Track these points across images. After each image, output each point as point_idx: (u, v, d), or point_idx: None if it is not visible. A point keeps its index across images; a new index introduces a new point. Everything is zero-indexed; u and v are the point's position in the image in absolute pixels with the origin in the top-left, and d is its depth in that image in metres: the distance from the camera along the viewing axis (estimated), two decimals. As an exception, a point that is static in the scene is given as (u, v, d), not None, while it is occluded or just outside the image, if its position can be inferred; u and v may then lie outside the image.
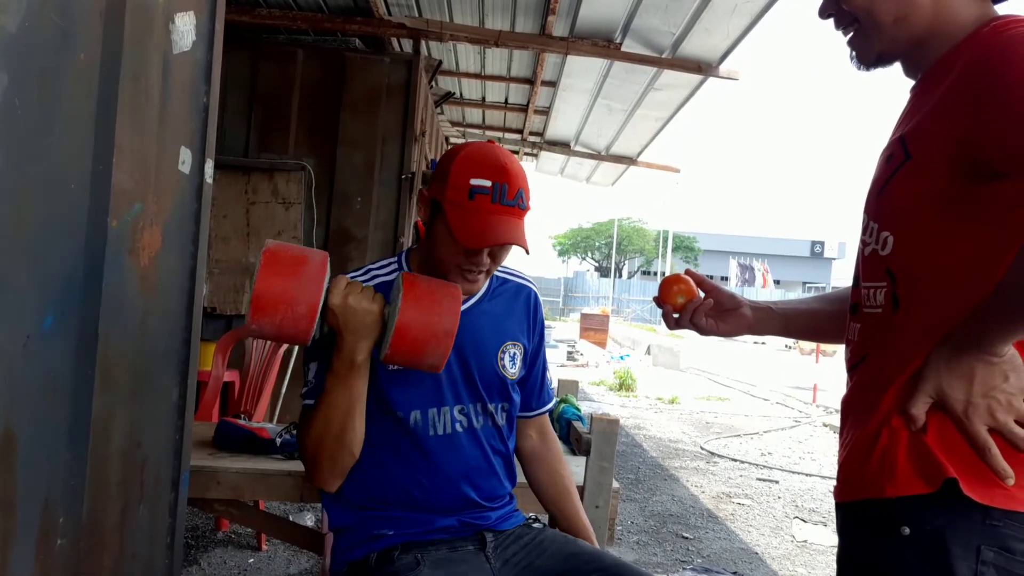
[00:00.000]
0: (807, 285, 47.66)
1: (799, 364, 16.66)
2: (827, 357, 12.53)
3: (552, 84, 6.58)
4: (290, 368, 4.59)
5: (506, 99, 7.52)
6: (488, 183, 1.33)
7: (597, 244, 49.15)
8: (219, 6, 1.55)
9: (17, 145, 0.97)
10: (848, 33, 1.13)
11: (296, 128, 4.92)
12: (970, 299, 0.95)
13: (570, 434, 2.35)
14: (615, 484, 1.97)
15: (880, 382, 1.03)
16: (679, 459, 5.96)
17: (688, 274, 1.40)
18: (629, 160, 8.44)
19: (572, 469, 2.17)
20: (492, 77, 6.76)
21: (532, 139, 8.63)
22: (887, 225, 1.06)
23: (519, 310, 1.56)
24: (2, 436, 0.98)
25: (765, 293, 39.16)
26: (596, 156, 8.58)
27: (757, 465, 5.95)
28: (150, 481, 1.45)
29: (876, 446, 1.00)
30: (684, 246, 45.86)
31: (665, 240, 34.67)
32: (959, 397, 0.95)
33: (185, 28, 1.41)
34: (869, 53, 1.11)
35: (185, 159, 1.47)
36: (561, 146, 8.60)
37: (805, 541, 4.07)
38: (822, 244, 51.33)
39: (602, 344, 16.93)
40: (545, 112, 7.52)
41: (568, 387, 2.72)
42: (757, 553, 3.81)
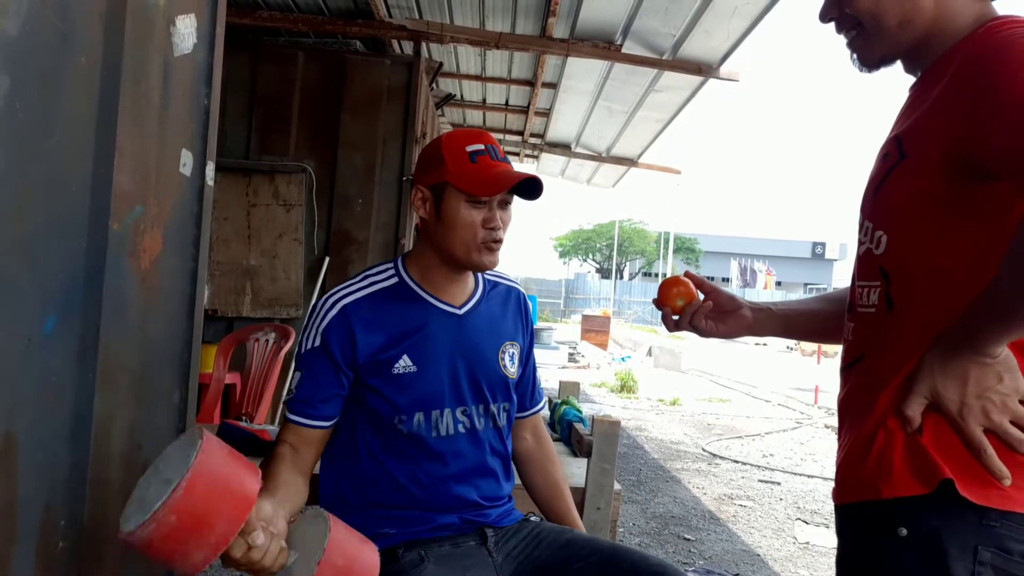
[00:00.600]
0: (808, 286, 47.64)
1: (801, 365, 16.65)
2: (828, 358, 12.54)
3: (553, 86, 6.58)
4: (291, 370, 4.59)
5: (507, 101, 7.52)
6: (482, 146, 1.43)
7: (598, 246, 49.16)
8: (220, 9, 1.55)
9: (18, 147, 0.97)
10: (850, 36, 1.13)
11: (297, 130, 4.93)
12: (964, 299, 0.96)
13: (571, 436, 2.35)
14: (616, 486, 1.97)
15: (876, 383, 1.03)
16: (681, 461, 5.96)
17: (687, 276, 1.40)
18: (630, 162, 8.45)
19: (573, 471, 2.17)
20: (493, 79, 6.76)
21: (533, 141, 8.64)
22: (882, 224, 1.06)
23: (512, 310, 1.60)
24: (3, 438, 0.98)
25: (767, 294, 39.17)
26: (597, 158, 8.58)
27: (759, 467, 5.94)
28: (151, 483, 1.45)
29: (872, 447, 1.01)
30: (685, 247, 45.87)
31: (666, 242, 34.70)
32: (953, 398, 0.95)
33: (186, 31, 1.41)
34: (872, 56, 1.11)
35: (186, 161, 1.47)
36: (562, 148, 8.60)
37: (807, 543, 4.06)
38: (823, 245, 51.29)
39: (603, 346, 16.93)
40: (546, 114, 7.52)
41: (569, 389, 2.72)
42: (759, 555, 3.81)
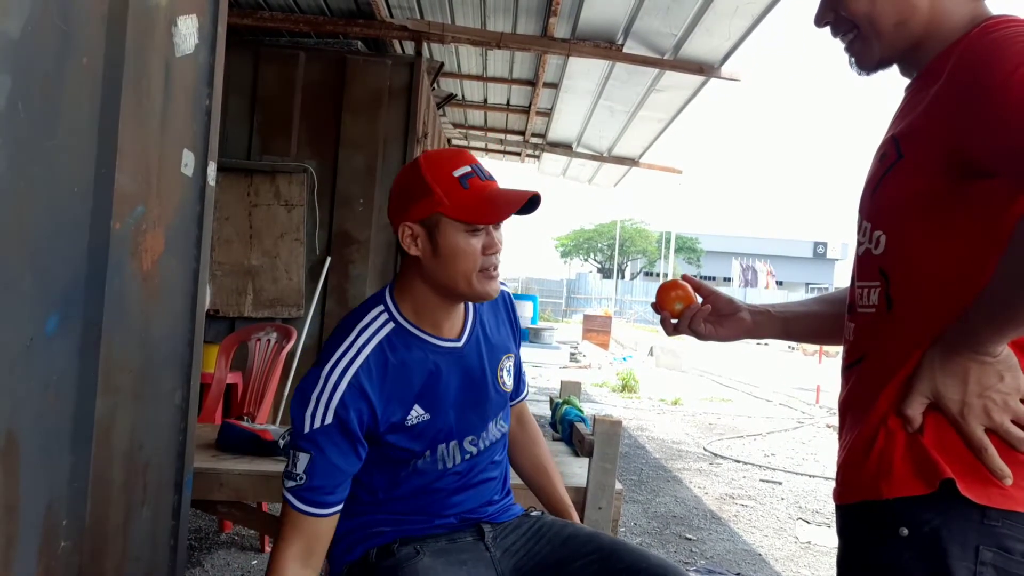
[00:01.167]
0: (810, 286, 47.58)
1: (802, 365, 16.64)
2: (830, 358, 12.53)
3: (554, 86, 6.58)
4: (293, 370, 4.60)
5: (508, 101, 7.52)
6: (468, 168, 1.33)
7: (599, 245, 49.15)
8: (221, 9, 1.55)
9: (20, 148, 0.97)
10: (847, 39, 1.13)
11: (298, 130, 4.93)
12: (963, 298, 0.96)
13: (573, 435, 2.35)
14: (618, 485, 1.97)
15: (876, 383, 1.03)
16: (682, 460, 5.96)
17: (685, 279, 1.39)
18: (631, 161, 8.44)
19: (575, 470, 2.17)
20: (494, 79, 6.76)
21: (534, 141, 8.64)
22: (880, 224, 1.06)
23: (502, 317, 1.56)
24: (5, 439, 0.99)
25: (768, 294, 39.12)
26: (598, 157, 8.58)
27: (760, 466, 5.94)
28: (153, 483, 1.46)
29: (873, 447, 1.01)
30: (687, 247, 45.84)
31: (667, 241, 34.67)
32: (954, 398, 0.95)
33: (187, 31, 1.41)
34: (870, 58, 1.12)
35: (187, 162, 1.47)
36: (563, 148, 8.60)
37: (809, 542, 4.06)
38: (825, 245, 51.23)
39: (604, 345, 16.92)
40: (547, 114, 7.52)
41: (571, 389, 2.72)
42: (761, 554, 3.80)
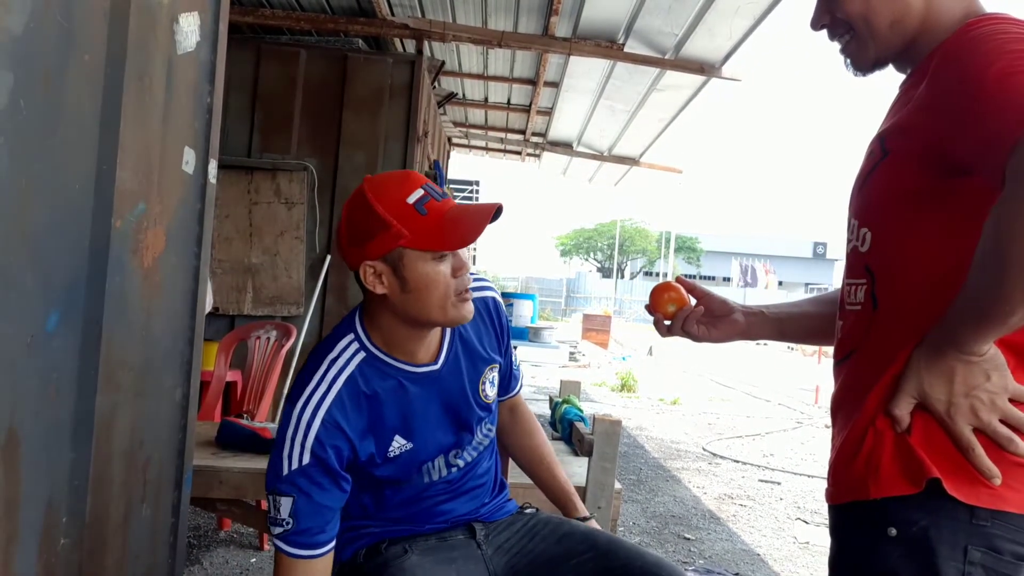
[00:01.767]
0: (809, 286, 47.57)
1: (801, 365, 16.64)
2: (829, 359, 12.54)
3: (555, 85, 6.58)
4: (292, 368, 4.59)
5: (509, 100, 7.52)
6: (420, 191, 1.26)
7: (599, 245, 49.16)
8: (223, 7, 1.55)
9: (21, 145, 0.97)
10: (843, 41, 1.14)
11: (299, 128, 4.93)
12: (948, 296, 0.96)
13: (573, 435, 2.35)
14: (617, 485, 1.97)
15: (864, 382, 1.03)
16: (681, 460, 5.96)
17: (679, 281, 1.39)
18: (632, 161, 8.44)
19: (574, 470, 2.17)
20: (495, 78, 6.76)
21: (535, 140, 8.64)
22: (866, 222, 1.07)
23: (487, 325, 1.48)
24: (6, 435, 0.99)
25: (768, 294, 39.11)
26: (599, 157, 8.58)
27: (759, 466, 5.94)
28: (153, 480, 1.46)
29: (862, 448, 1.01)
30: (687, 247, 45.84)
31: (667, 241, 34.66)
32: (941, 397, 0.95)
33: (189, 29, 1.41)
34: (866, 59, 1.12)
35: (188, 159, 1.47)
36: (564, 147, 8.60)
37: (807, 542, 4.07)
38: (824, 245, 51.23)
39: (604, 345, 16.93)
40: (548, 113, 7.52)
41: (570, 388, 2.72)
42: (759, 554, 3.81)
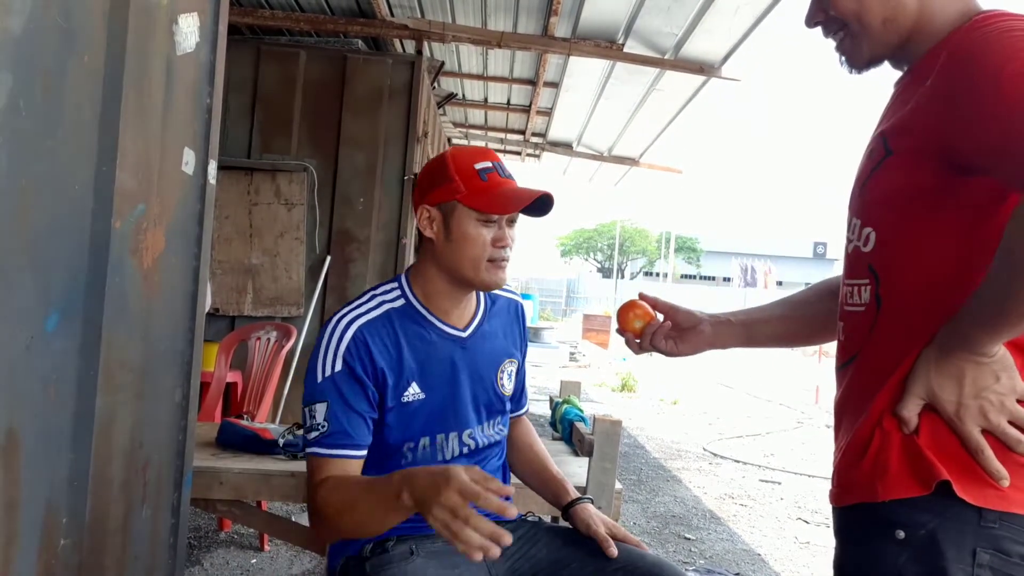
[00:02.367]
0: (810, 286, 47.46)
1: (802, 365, 16.64)
2: (829, 359, 12.56)
3: (554, 85, 6.58)
4: (292, 369, 4.59)
5: (508, 100, 7.52)
6: (490, 163, 1.41)
7: (599, 245, 49.16)
8: (222, 8, 1.55)
9: (21, 146, 0.97)
10: (837, 38, 1.13)
11: (298, 129, 4.93)
12: (955, 296, 0.95)
13: (573, 435, 2.35)
14: (618, 485, 1.97)
15: (870, 384, 1.02)
16: (681, 460, 5.96)
17: (643, 298, 1.38)
18: (631, 161, 8.44)
19: (575, 470, 2.17)
20: (494, 78, 6.76)
21: (534, 140, 8.64)
22: (869, 221, 1.05)
23: (511, 324, 1.59)
24: (6, 436, 0.99)
25: (767, 294, 39.01)
26: (598, 157, 8.58)
27: (760, 466, 5.94)
28: (153, 481, 1.46)
29: (869, 449, 1.00)
30: (686, 247, 45.84)
31: (667, 241, 34.64)
32: (950, 399, 0.94)
33: (188, 29, 1.41)
34: (860, 56, 1.12)
35: (188, 160, 1.47)
36: (563, 147, 8.60)
37: (808, 542, 4.06)
38: (824, 245, 51.20)
39: (604, 345, 16.93)
40: (547, 113, 7.52)
41: (570, 388, 2.72)
42: (760, 554, 3.80)
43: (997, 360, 0.93)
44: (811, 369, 13.52)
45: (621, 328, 1.39)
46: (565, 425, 2.43)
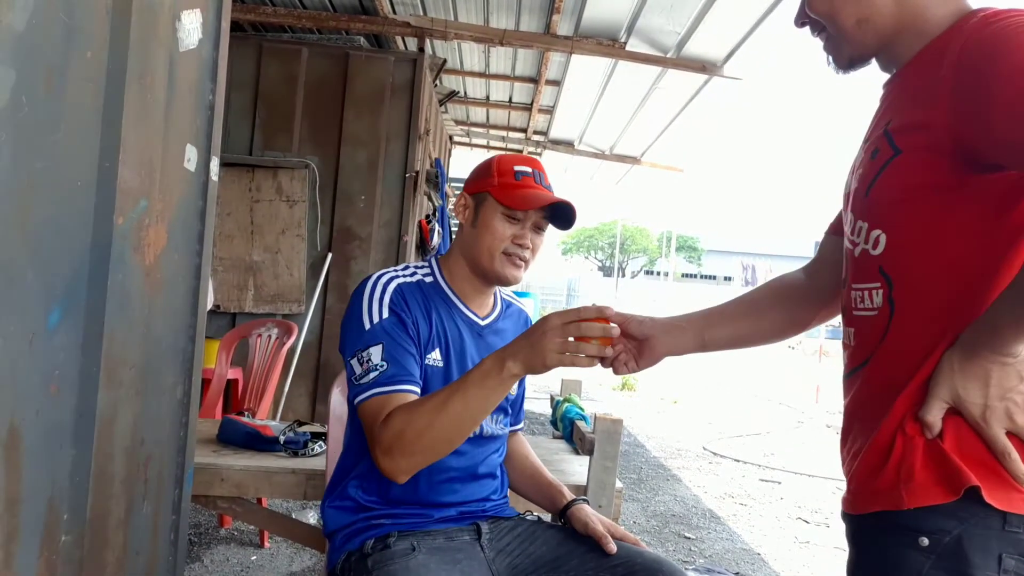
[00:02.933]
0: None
1: (802, 365, 16.64)
2: (829, 358, 12.54)
3: (556, 83, 6.58)
4: (293, 366, 4.60)
5: (510, 98, 7.52)
6: (529, 169, 1.53)
7: (600, 244, 49.14)
8: (225, 4, 1.55)
9: (23, 142, 0.97)
10: (823, 39, 1.14)
11: (300, 126, 4.93)
12: (977, 296, 0.94)
13: (574, 434, 2.35)
14: (618, 484, 1.97)
15: (888, 388, 1.00)
16: (681, 459, 5.96)
17: (599, 313, 1.31)
18: (633, 160, 8.44)
19: (575, 468, 2.17)
20: (496, 76, 6.76)
21: (536, 138, 8.64)
22: (878, 223, 1.03)
23: (520, 330, 1.66)
24: (7, 433, 0.99)
25: (768, 293, 38.88)
26: (600, 156, 8.58)
27: (760, 465, 5.95)
28: (154, 478, 1.46)
29: (891, 455, 0.97)
30: (687, 246, 45.83)
31: (668, 240, 34.64)
32: (976, 401, 0.92)
33: (191, 26, 1.41)
34: (841, 57, 1.13)
35: (190, 157, 1.47)
36: (565, 145, 8.60)
37: (808, 542, 4.06)
38: (826, 244, 51.07)
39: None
40: (549, 111, 7.52)
41: (571, 387, 2.72)
42: (760, 554, 3.81)
43: (1022, 360, 0.91)
44: (812, 368, 13.53)
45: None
46: (566, 423, 2.43)
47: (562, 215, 1.51)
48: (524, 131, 8.47)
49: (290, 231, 4.86)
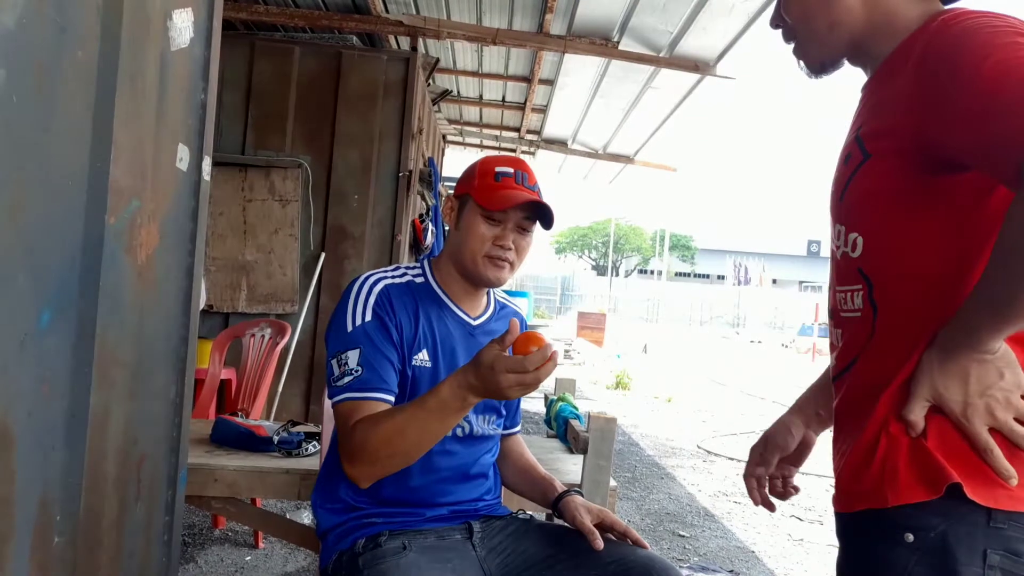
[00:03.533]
0: (803, 284, 47.72)
1: (795, 363, 16.69)
2: (823, 356, 12.60)
3: (549, 82, 6.58)
4: (287, 366, 4.59)
5: (503, 97, 7.52)
6: (511, 170, 1.52)
7: (594, 243, 49.21)
8: (217, 3, 1.54)
9: (14, 142, 0.96)
10: (794, 43, 1.16)
11: (293, 125, 4.92)
12: (950, 295, 0.95)
13: (568, 432, 2.35)
14: (612, 482, 1.97)
15: (872, 388, 1.01)
16: (676, 457, 5.97)
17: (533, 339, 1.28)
18: (626, 159, 8.45)
19: (569, 467, 2.17)
20: (489, 75, 6.76)
21: (529, 137, 8.64)
22: (854, 226, 1.05)
23: None
24: (0, 434, 0.98)
25: (761, 292, 39.19)
26: (593, 155, 8.58)
27: (753, 463, 5.95)
28: (147, 478, 1.45)
29: (875, 454, 0.98)
30: (681, 244, 45.93)
31: (662, 239, 34.71)
32: (956, 398, 0.93)
33: (183, 25, 1.41)
34: (813, 60, 1.15)
35: (182, 156, 1.47)
36: (558, 144, 8.60)
37: (801, 539, 4.08)
38: (819, 243, 51.31)
39: (599, 343, 16.94)
40: (542, 110, 7.52)
41: (565, 386, 2.72)
42: (754, 551, 3.82)
43: (1000, 357, 0.92)
44: (804, 367, 13.57)
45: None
46: (560, 422, 2.43)
47: (544, 214, 1.51)
48: (517, 130, 8.47)
49: (283, 230, 4.85)
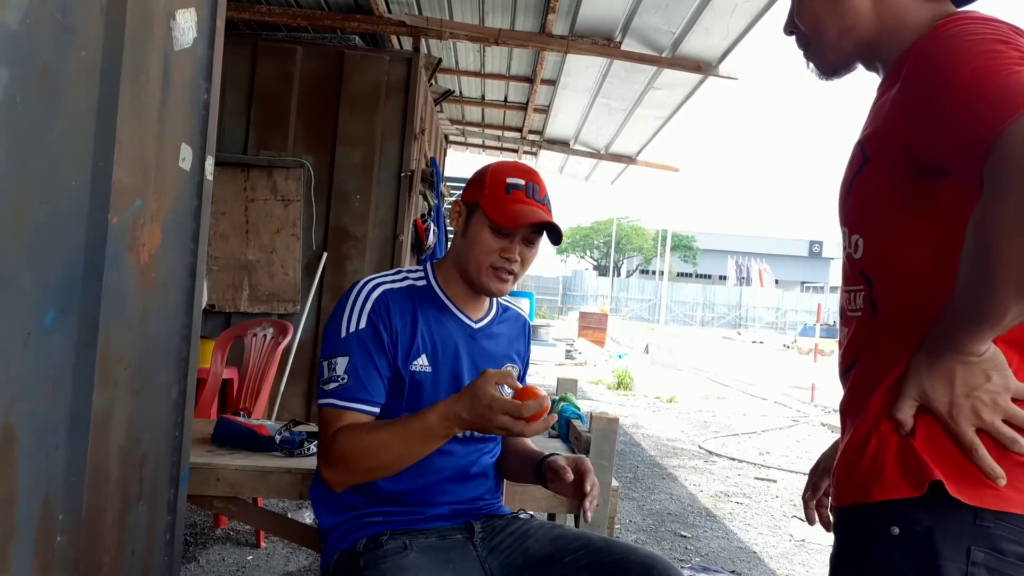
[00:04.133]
0: (805, 285, 47.68)
1: (797, 363, 16.67)
2: (825, 357, 12.58)
3: (552, 83, 6.58)
4: (288, 366, 4.59)
5: (505, 97, 7.51)
6: (522, 181, 1.50)
7: (596, 243, 49.16)
8: (220, 3, 1.54)
9: (17, 141, 0.96)
10: (806, 48, 1.19)
11: (295, 125, 4.92)
12: (939, 298, 0.96)
13: (569, 432, 2.35)
14: (614, 482, 1.97)
15: (868, 386, 1.04)
16: (677, 458, 5.97)
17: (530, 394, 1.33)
18: (628, 159, 8.44)
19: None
20: (492, 75, 6.76)
21: (531, 137, 8.64)
22: (856, 228, 1.08)
23: (517, 335, 1.67)
24: (2, 433, 0.98)
25: (763, 293, 39.15)
26: (595, 155, 8.58)
27: (755, 464, 5.96)
28: (149, 478, 1.45)
29: (866, 451, 1.01)
30: (683, 245, 45.88)
31: (664, 239, 34.69)
32: (942, 399, 0.95)
33: (186, 25, 1.41)
34: (825, 65, 1.17)
35: (185, 156, 1.47)
36: (561, 145, 8.60)
37: (803, 540, 4.07)
38: (821, 244, 51.28)
39: (600, 343, 16.94)
40: (544, 111, 7.52)
41: (567, 386, 2.72)
42: (755, 552, 3.82)
43: (987, 359, 0.94)
44: (807, 367, 13.55)
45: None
46: (562, 422, 2.43)
47: (552, 229, 1.51)
48: (519, 130, 8.46)
49: (285, 230, 4.86)
